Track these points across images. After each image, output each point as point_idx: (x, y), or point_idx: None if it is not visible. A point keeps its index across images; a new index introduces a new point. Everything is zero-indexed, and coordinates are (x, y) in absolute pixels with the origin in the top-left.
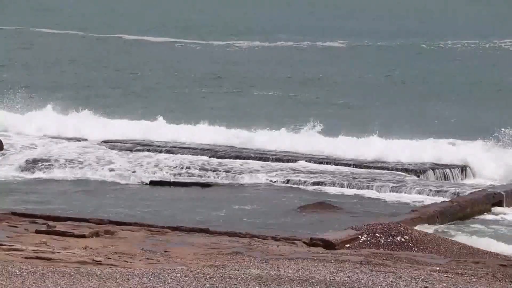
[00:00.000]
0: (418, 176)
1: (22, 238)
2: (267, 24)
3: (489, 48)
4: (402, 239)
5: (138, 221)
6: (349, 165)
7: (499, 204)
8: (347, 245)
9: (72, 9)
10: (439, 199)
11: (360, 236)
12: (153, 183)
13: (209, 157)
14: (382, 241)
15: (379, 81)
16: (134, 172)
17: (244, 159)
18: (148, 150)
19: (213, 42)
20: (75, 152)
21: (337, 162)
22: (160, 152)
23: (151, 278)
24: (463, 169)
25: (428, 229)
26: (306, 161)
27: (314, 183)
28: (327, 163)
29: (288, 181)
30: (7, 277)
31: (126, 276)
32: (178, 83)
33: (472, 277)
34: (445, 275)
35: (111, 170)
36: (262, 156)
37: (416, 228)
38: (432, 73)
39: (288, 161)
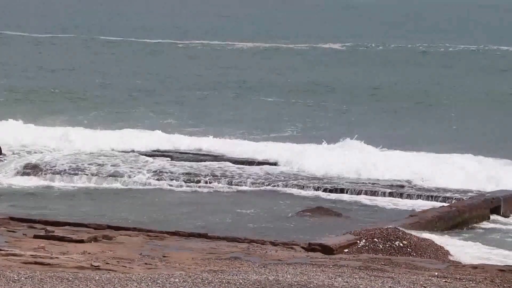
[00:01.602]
0: (417, 182)
1: (20, 243)
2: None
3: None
4: (401, 244)
5: (139, 226)
6: (348, 171)
7: (497, 209)
8: (346, 250)
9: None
10: (437, 204)
11: (358, 241)
12: None
13: (208, 162)
14: (381, 246)
15: (380, 84)
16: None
17: (242, 164)
18: (151, 156)
19: (211, 42)
20: (74, 158)
21: (335, 167)
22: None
23: (149, 283)
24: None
25: (427, 234)
26: (304, 166)
27: (313, 188)
28: (326, 168)
29: (286, 185)
30: (5, 282)
31: (125, 281)
32: (180, 86)
33: (471, 282)
34: (444, 280)
35: (111, 176)
36: (261, 161)
37: (414, 233)
38: (432, 78)
39: (286, 166)
